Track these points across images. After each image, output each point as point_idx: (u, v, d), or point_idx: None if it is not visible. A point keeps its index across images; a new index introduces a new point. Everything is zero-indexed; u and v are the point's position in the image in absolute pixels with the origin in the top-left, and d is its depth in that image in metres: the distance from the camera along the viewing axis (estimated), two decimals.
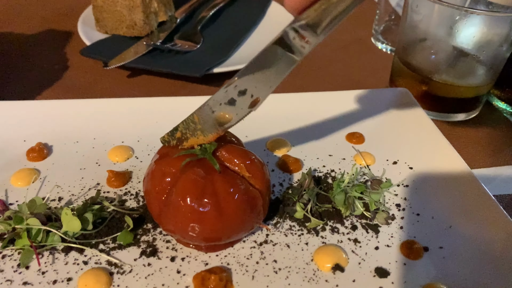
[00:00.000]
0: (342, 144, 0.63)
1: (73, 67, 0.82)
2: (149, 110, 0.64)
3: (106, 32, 0.87)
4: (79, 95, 0.74)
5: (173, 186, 0.43)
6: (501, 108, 0.77)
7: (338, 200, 0.52)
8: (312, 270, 0.46)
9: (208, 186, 0.43)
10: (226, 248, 0.47)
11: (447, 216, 0.52)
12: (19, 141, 0.58)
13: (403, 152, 0.62)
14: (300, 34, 0.36)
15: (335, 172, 0.58)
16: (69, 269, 0.44)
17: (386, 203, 0.54)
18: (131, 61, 0.77)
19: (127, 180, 0.55)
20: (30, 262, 0.44)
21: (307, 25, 0.35)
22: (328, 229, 0.50)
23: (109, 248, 0.46)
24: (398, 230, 0.51)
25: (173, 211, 0.43)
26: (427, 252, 0.48)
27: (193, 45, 0.85)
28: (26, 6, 1.02)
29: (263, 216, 0.47)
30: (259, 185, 0.46)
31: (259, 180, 0.46)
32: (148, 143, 0.61)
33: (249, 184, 0.45)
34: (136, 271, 0.44)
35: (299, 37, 0.36)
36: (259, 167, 0.46)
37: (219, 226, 0.43)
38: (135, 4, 0.82)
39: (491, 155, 0.67)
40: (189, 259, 0.46)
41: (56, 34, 0.93)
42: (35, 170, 0.55)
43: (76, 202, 0.51)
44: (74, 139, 0.60)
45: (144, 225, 0.49)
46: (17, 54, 0.85)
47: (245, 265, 0.46)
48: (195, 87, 0.79)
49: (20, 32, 0.92)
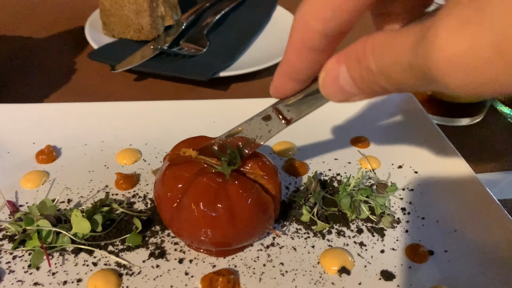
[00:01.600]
0: (347, 148, 0.64)
1: (81, 70, 0.83)
2: (156, 113, 0.65)
3: (113, 36, 0.88)
4: (86, 98, 0.75)
5: (185, 191, 0.43)
6: (505, 113, 0.77)
7: (344, 203, 0.53)
8: (319, 273, 0.46)
9: (221, 191, 0.43)
10: (237, 253, 0.48)
11: (452, 220, 0.53)
12: (29, 143, 0.59)
13: (408, 156, 0.62)
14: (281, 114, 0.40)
15: (341, 175, 0.59)
16: (79, 270, 0.44)
17: (392, 206, 0.55)
18: (138, 64, 0.77)
19: (135, 182, 0.55)
20: (41, 263, 0.45)
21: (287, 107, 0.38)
22: (334, 232, 0.51)
23: (118, 250, 0.47)
24: (403, 234, 0.51)
25: (185, 216, 0.43)
26: (432, 256, 0.49)
27: (199, 49, 0.86)
28: (34, 10, 1.03)
29: (274, 219, 0.48)
30: (272, 187, 0.46)
31: (273, 182, 0.46)
32: (155, 146, 0.61)
33: (262, 188, 0.46)
34: (144, 272, 0.45)
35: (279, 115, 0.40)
36: (272, 170, 0.47)
37: (231, 231, 0.43)
38: (142, 9, 0.83)
39: (495, 159, 0.68)
40: (197, 261, 0.46)
41: (63, 38, 0.93)
42: (45, 172, 0.55)
43: (85, 204, 0.52)
44: (83, 142, 0.61)
45: (153, 227, 0.50)
46: (25, 58, 0.86)
47: (252, 268, 0.46)
48: (201, 91, 0.80)
49: (28, 36, 0.93)
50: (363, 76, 0.27)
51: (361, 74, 0.27)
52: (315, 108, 0.36)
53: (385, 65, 0.25)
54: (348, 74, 0.28)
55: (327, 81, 0.30)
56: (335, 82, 0.29)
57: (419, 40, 0.23)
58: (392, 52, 0.25)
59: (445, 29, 0.21)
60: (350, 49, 0.28)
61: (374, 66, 0.26)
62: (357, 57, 0.27)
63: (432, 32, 0.22)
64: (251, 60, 0.86)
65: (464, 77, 0.21)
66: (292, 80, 0.33)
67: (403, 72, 0.25)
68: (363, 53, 0.26)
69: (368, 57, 0.26)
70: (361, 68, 0.27)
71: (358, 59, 0.27)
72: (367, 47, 0.26)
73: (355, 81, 0.28)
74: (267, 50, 0.89)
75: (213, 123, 0.65)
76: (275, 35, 0.96)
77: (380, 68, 0.26)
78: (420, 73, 0.23)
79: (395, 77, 0.25)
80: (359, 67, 0.27)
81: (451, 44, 0.21)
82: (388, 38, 0.25)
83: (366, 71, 0.26)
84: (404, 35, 0.24)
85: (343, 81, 0.28)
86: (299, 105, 0.37)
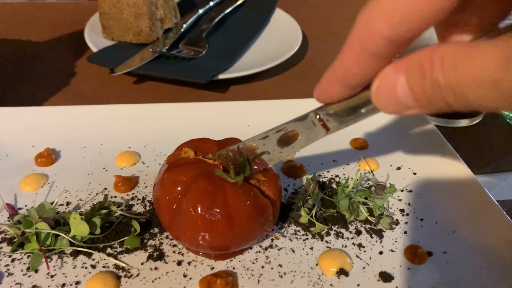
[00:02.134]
0: (346, 149, 0.64)
1: (80, 73, 0.83)
2: (155, 116, 0.65)
3: (112, 39, 0.88)
4: (86, 101, 0.75)
5: (184, 195, 0.43)
6: (504, 114, 0.77)
7: (343, 205, 0.53)
8: (317, 275, 0.46)
9: (219, 195, 0.43)
10: (235, 256, 0.48)
11: (451, 221, 0.53)
12: (28, 146, 0.59)
13: (407, 157, 0.62)
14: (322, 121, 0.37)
15: (339, 177, 0.59)
16: (77, 273, 0.45)
17: (390, 208, 0.55)
18: (137, 67, 0.78)
19: (134, 185, 0.55)
20: (39, 266, 0.45)
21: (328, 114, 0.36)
22: (332, 234, 0.51)
23: (117, 252, 0.47)
24: (402, 235, 0.51)
25: (184, 220, 0.43)
26: (431, 257, 0.49)
27: (199, 51, 0.86)
28: (34, 14, 1.04)
29: (273, 224, 0.47)
30: (273, 193, 0.46)
31: (273, 187, 0.46)
32: (154, 149, 0.61)
33: (260, 191, 0.45)
34: (143, 274, 0.45)
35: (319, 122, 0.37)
36: (273, 175, 0.47)
37: (230, 235, 0.43)
38: (141, 12, 0.83)
39: (494, 160, 0.68)
40: (196, 263, 0.47)
41: (63, 41, 0.94)
42: (44, 175, 0.56)
43: (84, 206, 0.52)
44: (82, 145, 0.61)
45: (151, 229, 0.50)
46: (24, 61, 0.86)
47: (251, 270, 0.46)
48: (200, 93, 0.80)
49: (27, 39, 0.93)
50: (426, 90, 0.25)
51: (424, 87, 0.25)
52: (360, 120, 0.33)
53: (459, 81, 0.23)
54: (408, 85, 0.26)
55: (382, 90, 0.28)
56: (391, 92, 0.27)
57: (510, 56, 0.21)
58: (470, 67, 0.22)
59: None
60: (413, 58, 0.25)
61: (443, 81, 0.23)
62: (422, 68, 0.24)
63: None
64: (250, 62, 0.86)
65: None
66: (343, 85, 0.31)
67: (482, 90, 0.22)
68: (430, 65, 0.24)
69: (437, 70, 0.24)
70: (425, 82, 0.24)
71: (423, 71, 0.24)
72: (435, 59, 0.24)
73: (415, 94, 0.26)
74: (266, 52, 0.90)
75: (212, 125, 0.65)
76: (274, 37, 0.96)
77: (451, 84, 0.23)
78: (504, 94, 0.22)
79: (471, 95, 0.23)
80: (422, 80, 0.25)
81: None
82: (464, 51, 0.23)
83: (432, 85, 0.24)
84: (488, 49, 0.22)
85: (400, 91, 0.26)
86: (343, 114, 0.34)
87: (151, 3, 0.84)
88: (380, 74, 0.28)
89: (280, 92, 0.81)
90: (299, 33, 0.94)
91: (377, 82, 0.28)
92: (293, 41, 0.91)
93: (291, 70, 0.89)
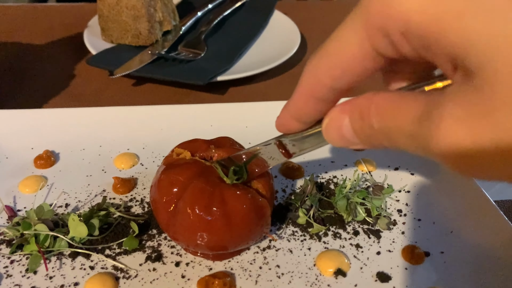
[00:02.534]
0: (343, 150, 0.64)
1: (79, 76, 0.83)
2: (154, 117, 0.65)
3: (111, 41, 0.89)
4: (85, 103, 0.76)
5: (181, 196, 0.43)
6: None
7: (340, 206, 0.53)
8: (315, 275, 0.46)
9: (217, 195, 0.43)
10: (233, 256, 0.48)
11: (448, 221, 0.53)
12: (27, 148, 0.60)
13: (404, 158, 0.62)
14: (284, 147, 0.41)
15: (337, 178, 0.59)
16: (76, 274, 0.45)
17: (388, 208, 0.55)
18: (136, 70, 0.78)
19: (132, 186, 0.56)
20: (38, 267, 0.45)
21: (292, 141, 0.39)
22: (330, 234, 0.51)
23: (115, 253, 0.47)
24: (399, 235, 0.51)
25: (181, 220, 0.43)
26: (428, 257, 0.49)
27: (197, 53, 0.86)
28: (33, 17, 1.04)
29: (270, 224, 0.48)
30: (266, 191, 0.46)
31: (267, 185, 0.46)
32: (153, 150, 0.62)
33: (257, 192, 0.46)
34: (141, 275, 0.45)
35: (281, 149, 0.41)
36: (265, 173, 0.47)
37: (227, 235, 0.43)
38: (140, 14, 0.84)
39: None
40: (194, 264, 0.47)
41: (62, 44, 0.94)
42: (43, 177, 0.56)
43: (83, 208, 0.52)
44: (81, 147, 0.61)
45: (149, 230, 0.50)
46: (24, 64, 0.86)
47: (249, 270, 0.46)
48: (199, 95, 0.80)
49: (27, 42, 0.93)
50: (365, 132, 0.28)
51: (362, 129, 0.28)
52: (317, 147, 0.37)
53: (387, 128, 0.26)
54: (351, 126, 0.29)
55: (330, 128, 0.31)
56: (338, 131, 0.30)
57: (424, 117, 0.23)
58: (395, 117, 0.25)
59: (450, 115, 0.21)
60: (355, 102, 0.28)
61: (376, 126, 0.26)
62: (361, 113, 0.27)
63: (438, 114, 0.22)
64: (248, 64, 0.86)
65: (463, 164, 0.22)
66: (297, 120, 0.34)
67: (403, 139, 0.25)
68: (367, 112, 0.27)
69: (372, 116, 0.26)
70: (364, 125, 0.27)
71: (362, 115, 0.27)
72: (371, 106, 0.27)
73: (357, 134, 0.29)
74: (264, 54, 0.90)
75: (210, 127, 0.65)
76: (273, 39, 0.96)
77: (383, 130, 0.26)
78: (420, 146, 0.24)
79: (396, 141, 0.26)
80: (362, 123, 0.28)
81: (454, 133, 0.21)
82: (393, 101, 0.25)
83: (368, 128, 0.27)
84: (410, 103, 0.24)
85: (345, 130, 0.29)
86: (302, 142, 0.38)
87: (149, 6, 0.84)
88: (329, 114, 0.31)
89: (279, 94, 0.81)
90: (298, 35, 0.94)
91: (326, 120, 0.31)
92: (291, 43, 0.91)
93: (290, 72, 0.89)
